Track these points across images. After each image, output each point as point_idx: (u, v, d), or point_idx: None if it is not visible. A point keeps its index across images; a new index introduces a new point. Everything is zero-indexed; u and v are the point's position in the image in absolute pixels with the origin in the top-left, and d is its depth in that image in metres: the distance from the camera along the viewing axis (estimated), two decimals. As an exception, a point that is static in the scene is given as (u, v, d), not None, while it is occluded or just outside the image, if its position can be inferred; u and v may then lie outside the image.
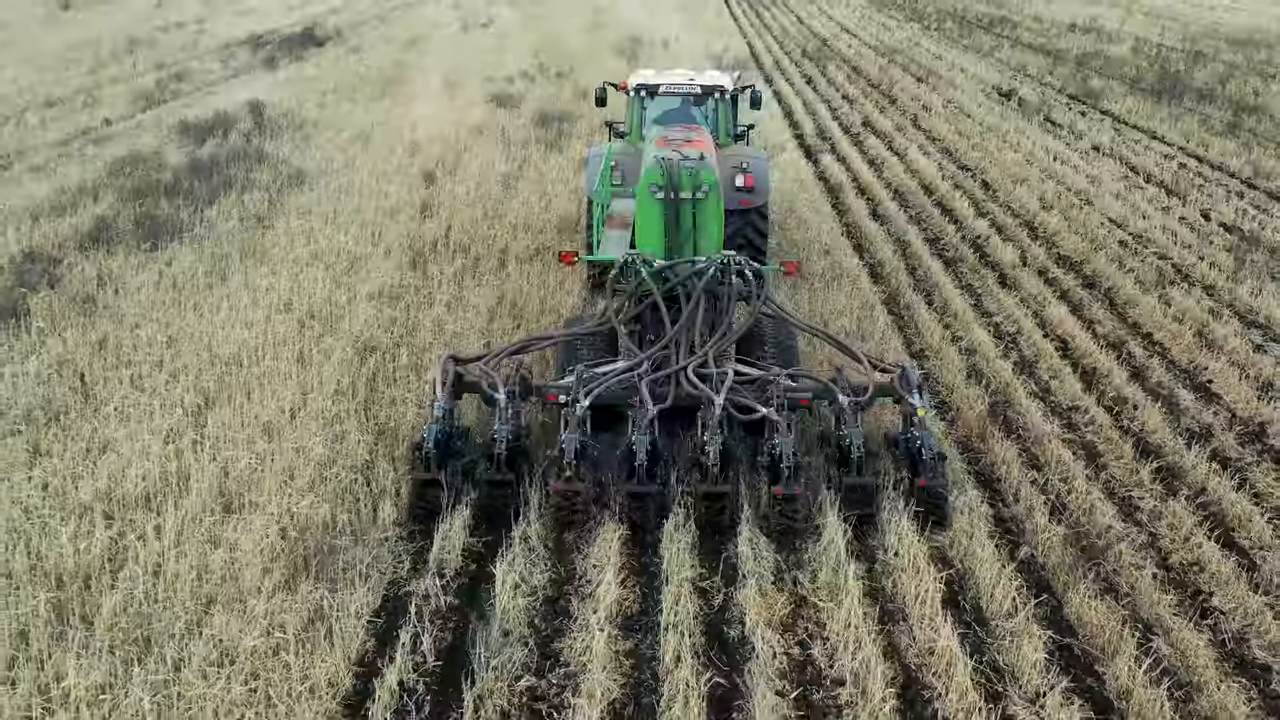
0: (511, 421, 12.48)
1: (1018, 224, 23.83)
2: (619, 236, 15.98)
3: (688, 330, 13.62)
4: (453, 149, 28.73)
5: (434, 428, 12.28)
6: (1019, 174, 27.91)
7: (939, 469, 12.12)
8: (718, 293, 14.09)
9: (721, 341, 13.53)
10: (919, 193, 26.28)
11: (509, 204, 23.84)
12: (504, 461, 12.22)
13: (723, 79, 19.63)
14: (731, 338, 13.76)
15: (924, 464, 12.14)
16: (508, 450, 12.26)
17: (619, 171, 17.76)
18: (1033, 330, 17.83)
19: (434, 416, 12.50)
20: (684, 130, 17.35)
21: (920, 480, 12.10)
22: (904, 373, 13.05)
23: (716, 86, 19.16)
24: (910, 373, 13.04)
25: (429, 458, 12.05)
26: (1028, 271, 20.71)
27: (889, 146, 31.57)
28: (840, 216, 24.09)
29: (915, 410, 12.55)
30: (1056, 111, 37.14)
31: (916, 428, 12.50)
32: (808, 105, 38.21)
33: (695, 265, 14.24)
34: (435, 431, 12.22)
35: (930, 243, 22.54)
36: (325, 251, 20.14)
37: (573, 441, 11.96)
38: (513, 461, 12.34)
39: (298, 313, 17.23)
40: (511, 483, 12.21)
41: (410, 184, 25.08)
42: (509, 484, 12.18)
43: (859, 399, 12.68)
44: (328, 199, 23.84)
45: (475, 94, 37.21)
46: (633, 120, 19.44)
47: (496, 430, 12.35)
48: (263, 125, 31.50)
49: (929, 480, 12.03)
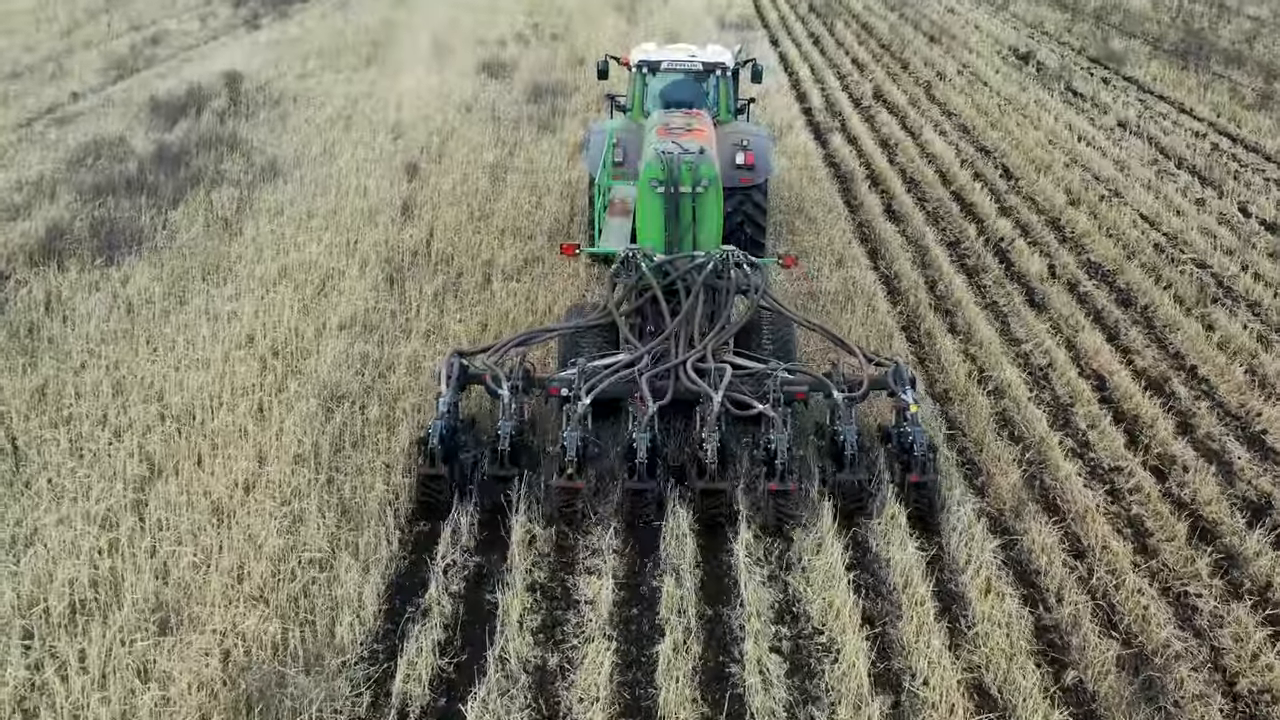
0: (515, 417, 12.67)
1: (1043, 223, 22.16)
2: (620, 225, 16.37)
3: (687, 324, 13.80)
4: (439, 132, 26.98)
5: (439, 424, 12.39)
6: (1042, 159, 26.17)
7: (929, 465, 12.32)
8: (717, 286, 14.23)
9: (720, 335, 13.68)
10: (936, 183, 24.59)
11: (497, 202, 22.19)
12: (506, 457, 12.45)
13: (724, 55, 19.64)
14: (729, 332, 13.89)
15: (915, 460, 12.31)
16: (510, 446, 12.46)
17: (621, 149, 18.03)
18: (1066, 364, 16.27)
19: (439, 412, 12.64)
20: (684, 117, 17.50)
21: (912, 476, 12.25)
22: (897, 368, 13.27)
23: (718, 63, 19.33)
24: (903, 368, 13.25)
25: (434, 454, 12.18)
26: (1057, 286, 19.10)
27: (902, 124, 29.77)
28: (853, 214, 22.42)
29: (907, 406, 12.72)
30: (1078, 79, 35.24)
31: (908, 423, 12.64)
32: (815, 72, 36.30)
33: (695, 260, 14.40)
34: (440, 427, 12.33)
35: (950, 248, 20.90)
36: (295, 267, 18.54)
37: (574, 440, 12.12)
38: (515, 457, 12.57)
39: (260, 348, 15.69)
40: (513, 478, 12.42)
41: (392, 176, 23.39)
42: (511, 479, 12.41)
43: (853, 394, 12.88)
44: (302, 196, 22.18)
45: (466, 61, 35.32)
46: (634, 96, 19.60)
47: (500, 426, 12.55)
48: (238, 101, 29.71)
49: (920, 476, 12.19)
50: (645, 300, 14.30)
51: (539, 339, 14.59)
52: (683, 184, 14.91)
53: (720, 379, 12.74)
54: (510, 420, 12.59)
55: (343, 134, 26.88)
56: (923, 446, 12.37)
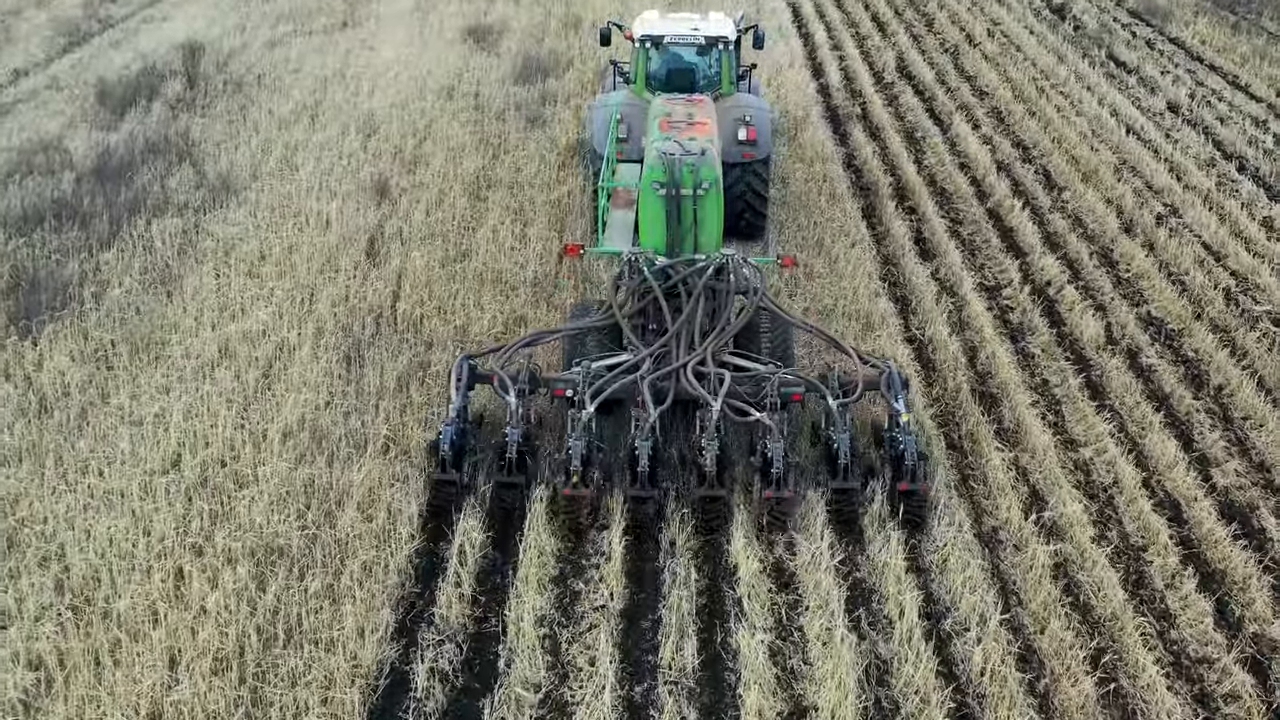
0: (521, 425, 13.02)
1: (1094, 258, 19.56)
2: (623, 219, 16.95)
3: (687, 326, 14.16)
4: (415, 128, 24.20)
5: (449, 430, 12.90)
6: (1087, 161, 23.44)
7: (920, 473, 12.66)
8: (716, 289, 14.57)
9: (719, 338, 13.99)
10: (970, 197, 21.90)
11: (476, 233, 19.61)
12: (514, 465, 12.85)
13: (726, 27, 19.76)
14: (728, 334, 14.18)
15: (906, 468, 12.67)
16: (517, 453, 12.84)
17: (625, 125, 18.54)
18: (1134, 485, 13.85)
19: (450, 417, 13.13)
20: (686, 105, 17.55)
21: (902, 485, 12.70)
22: (889, 374, 13.64)
23: (720, 37, 19.56)
24: (895, 374, 13.63)
25: (445, 460, 12.74)
26: (1116, 356, 16.57)
27: (929, 109, 26.90)
28: (879, 247, 19.82)
29: (899, 415, 13.09)
30: (1119, 43, 32.16)
31: (900, 431, 12.99)
32: (832, 34, 33.19)
33: (695, 264, 14.74)
34: (451, 434, 12.85)
35: (990, 296, 18.35)
36: (238, 340, 16.07)
37: (579, 449, 12.46)
38: (522, 464, 12.96)
39: (187, 473, 13.33)
40: (521, 485, 12.94)
41: (359, 197, 20.72)
42: (518, 486, 12.91)
43: (846, 400, 13.37)
44: (256, 227, 19.59)
45: (450, 23, 32.23)
46: (638, 69, 19.77)
47: (508, 434, 12.92)
48: (195, 82, 26.86)
49: (910, 485, 12.62)
50: (648, 302, 14.66)
51: (545, 340, 15.14)
52: (684, 186, 15.02)
53: (720, 385, 13.12)
54: (518, 428, 12.98)
55: (308, 132, 24.11)
56: (913, 454, 12.70)
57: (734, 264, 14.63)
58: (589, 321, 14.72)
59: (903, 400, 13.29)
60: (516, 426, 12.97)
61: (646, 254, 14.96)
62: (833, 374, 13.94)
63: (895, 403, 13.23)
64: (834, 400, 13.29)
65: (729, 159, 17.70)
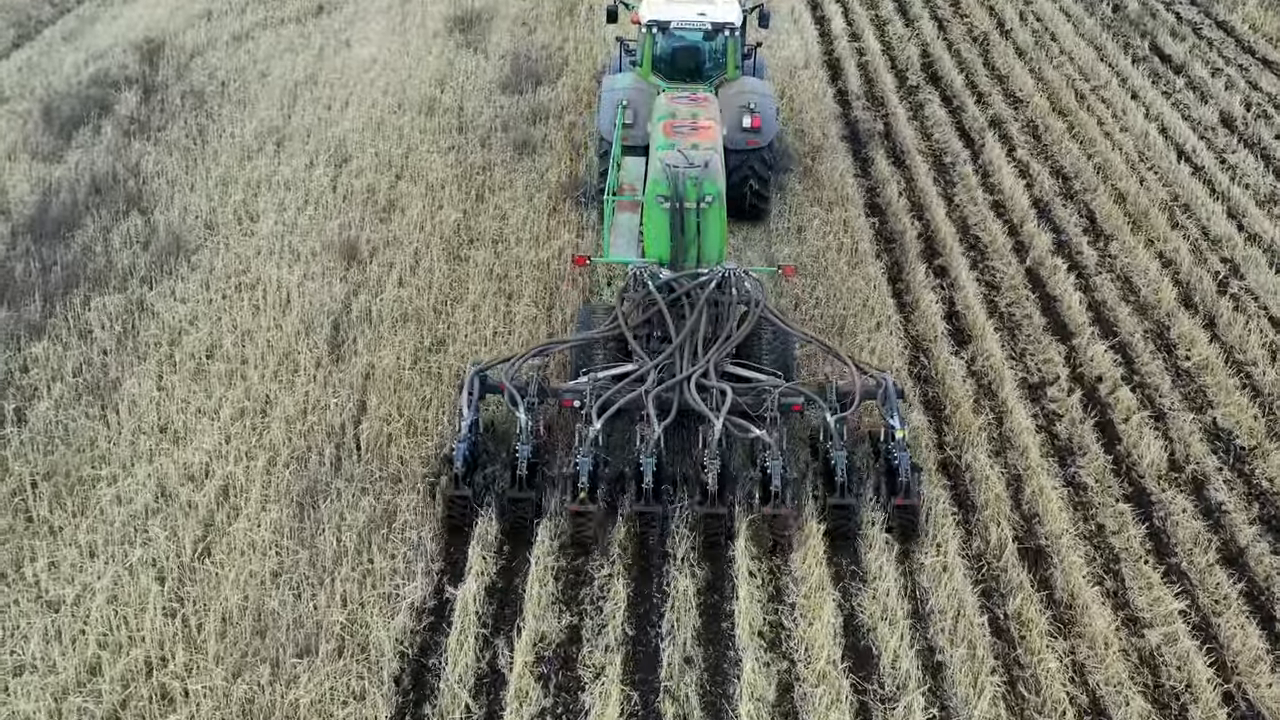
0: (531, 441, 13.40)
1: (1151, 342, 17.41)
2: (628, 226, 17.16)
3: (691, 337, 14.54)
4: (390, 160, 21.85)
5: (462, 446, 13.30)
6: (1136, 199, 21.22)
7: (914, 488, 13.23)
8: (720, 301, 14.92)
9: (721, 349, 14.38)
10: (1007, 253, 19.69)
11: (455, 310, 17.48)
12: (524, 481, 13.29)
13: (731, 12, 19.84)
14: (730, 345, 14.54)
15: (900, 484, 13.21)
16: (528, 469, 13.28)
17: (631, 110, 18.77)
18: (1211, 699, 11.87)
19: (462, 434, 13.49)
20: (690, 104, 18.00)
21: (897, 500, 13.24)
22: (886, 386, 14.03)
23: (725, 23, 19.74)
24: (891, 389, 13.99)
25: (458, 477, 13.19)
26: (1182, 495, 14.51)
27: (959, 124, 24.45)
28: (907, 327, 17.62)
29: (895, 430, 13.47)
30: (1163, 32, 29.52)
31: (895, 446, 13.43)
32: (851, 20, 30.43)
33: (698, 277, 15.10)
34: (464, 450, 13.27)
35: (1034, 395, 16.25)
36: (174, 483, 14.03)
37: (586, 465, 12.96)
38: (533, 479, 13.45)
39: (105, 693, 11.37)
40: (531, 499, 13.35)
41: (325, 264, 18.51)
42: (529, 501, 13.31)
43: (844, 414, 13.81)
44: (207, 306, 17.44)
45: (434, 11, 29.57)
46: (644, 54, 19.98)
47: (518, 451, 13.32)
48: (152, 93, 24.44)
49: (904, 500, 13.18)
50: (652, 313, 14.97)
51: (554, 349, 15.50)
52: (688, 199, 15.39)
53: (722, 400, 13.56)
54: (528, 444, 13.36)
55: (272, 162, 21.78)
56: (907, 470, 13.26)
57: (736, 278, 15.00)
58: (596, 333, 15.00)
59: (898, 414, 13.71)
60: (526, 443, 13.39)
61: (651, 268, 15.33)
62: (831, 386, 14.33)
63: (890, 418, 13.69)
64: (832, 416, 13.70)
65: (733, 145, 18.34)
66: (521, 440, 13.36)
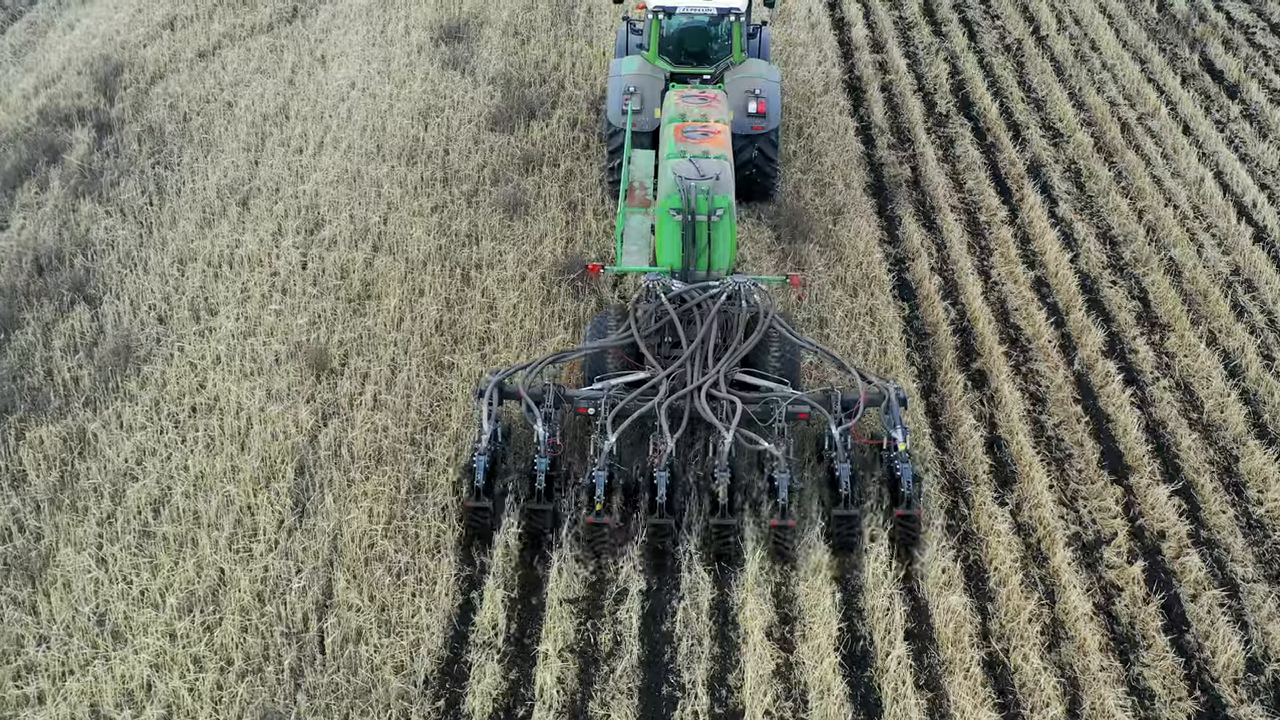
0: (549, 453, 13.93)
1: (1218, 478, 15.49)
2: (639, 230, 17.38)
3: (701, 346, 15.04)
4: (366, 229, 19.72)
5: (483, 460, 13.78)
6: (1193, 276, 19.24)
7: (915, 499, 13.80)
8: (729, 312, 15.46)
9: (731, 359, 14.95)
10: (1053, 351, 17.66)
11: (438, 441, 15.54)
12: (543, 493, 13.92)
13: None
14: (739, 354, 15.11)
15: (903, 495, 13.78)
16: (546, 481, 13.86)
17: (638, 97, 19.36)
18: None
19: (482, 447, 13.94)
20: (700, 105, 18.20)
21: (898, 511, 13.82)
22: (888, 400, 14.51)
23: (730, 9, 20.00)
24: (893, 401, 14.44)
25: (479, 490, 13.75)
26: (1263, 712, 12.70)
27: (993, 167, 22.20)
28: (944, 465, 15.65)
29: (898, 443, 14.06)
30: (1213, 40, 27.14)
31: (898, 457, 13.99)
32: (873, 26, 27.91)
33: (709, 289, 15.59)
34: (484, 464, 13.75)
35: (1088, 559, 14.37)
36: (109, 711, 12.19)
37: (601, 478, 13.65)
38: (550, 492, 14.06)
39: None
40: (550, 511, 13.96)
41: (291, 378, 16.51)
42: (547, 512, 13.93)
43: (848, 426, 14.31)
44: (156, 441, 15.51)
45: (417, 18, 27.09)
46: (651, 38, 20.24)
47: (536, 464, 13.85)
48: (107, 133, 22.25)
49: (906, 511, 13.76)
50: (664, 323, 15.49)
51: (570, 357, 15.98)
52: (699, 212, 15.81)
53: (733, 412, 14.16)
54: (545, 457, 13.94)
55: (235, 228, 19.67)
56: (909, 481, 13.84)
57: (745, 290, 15.57)
58: (610, 341, 15.48)
59: (901, 424, 14.28)
60: (545, 455, 13.95)
61: (664, 280, 15.78)
62: (836, 394, 14.79)
63: (893, 430, 14.29)
64: (837, 428, 14.27)
65: (739, 130, 18.98)
66: (539, 453, 13.98)
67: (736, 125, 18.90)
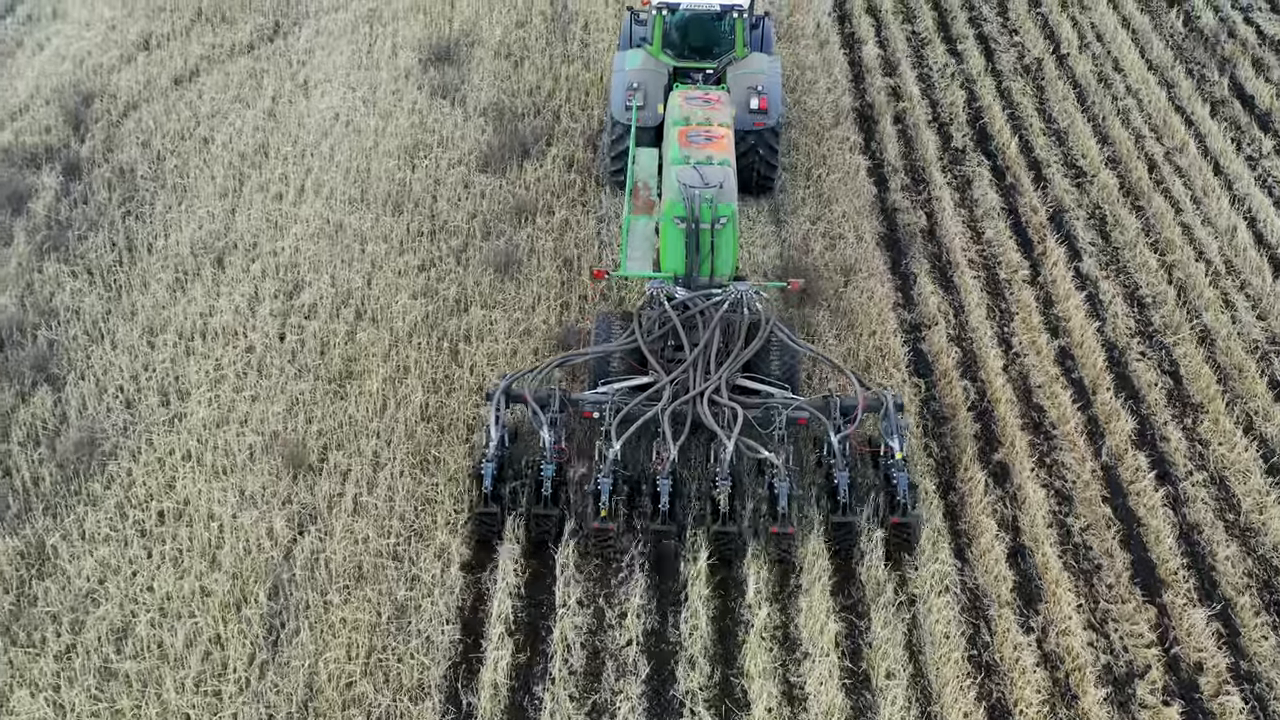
0: (555, 459, 14.42)
1: (1260, 596, 14.45)
2: (644, 234, 17.58)
3: (704, 353, 15.42)
4: (348, 293, 18.59)
5: (491, 466, 14.30)
6: (1227, 351, 18.24)
7: (910, 506, 14.29)
8: (731, 320, 15.70)
9: (732, 365, 15.33)
10: (1077, 436, 16.60)
11: (424, 555, 14.49)
12: (549, 499, 14.35)
13: None
14: (740, 360, 15.45)
15: (899, 503, 14.29)
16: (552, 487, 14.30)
17: (641, 92, 19.62)
18: None
19: (490, 453, 14.44)
20: (704, 107, 18.26)
21: (894, 519, 14.34)
22: (886, 404, 15.05)
23: (734, 5, 20.29)
24: (892, 405, 15.01)
25: (486, 496, 14.28)
26: None
27: (1012, 214, 21.05)
28: (964, 582, 14.62)
29: (893, 451, 14.63)
30: (1243, 61, 25.84)
31: (894, 466, 14.48)
32: (885, 43, 26.54)
33: (712, 297, 15.87)
34: (492, 470, 14.28)
35: (1118, 694, 13.34)
36: None
37: (606, 485, 14.03)
38: (556, 497, 14.45)
39: None
40: (556, 516, 14.47)
41: (265, 479, 15.45)
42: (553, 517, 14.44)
43: (846, 433, 14.81)
44: (120, 562, 14.43)
45: (405, 36, 25.73)
46: (655, 33, 20.44)
47: (543, 470, 14.33)
48: (76, 176, 21.04)
49: (900, 518, 14.26)
50: (667, 329, 15.81)
51: (575, 360, 16.45)
52: (703, 220, 16.03)
53: (734, 420, 14.55)
54: (551, 463, 14.34)
55: (209, 293, 18.54)
56: (904, 489, 14.26)
57: (747, 298, 15.81)
58: (615, 346, 15.94)
59: (898, 434, 14.73)
60: (551, 461, 14.38)
61: (667, 288, 16.02)
62: (835, 401, 15.21)
63: (890, 439, 14.78)
64: (836, 436, 14.71)
65: (741, 126, 19.29)
66: (545, 459, 14.38)
67: (739, 121, 19.15)
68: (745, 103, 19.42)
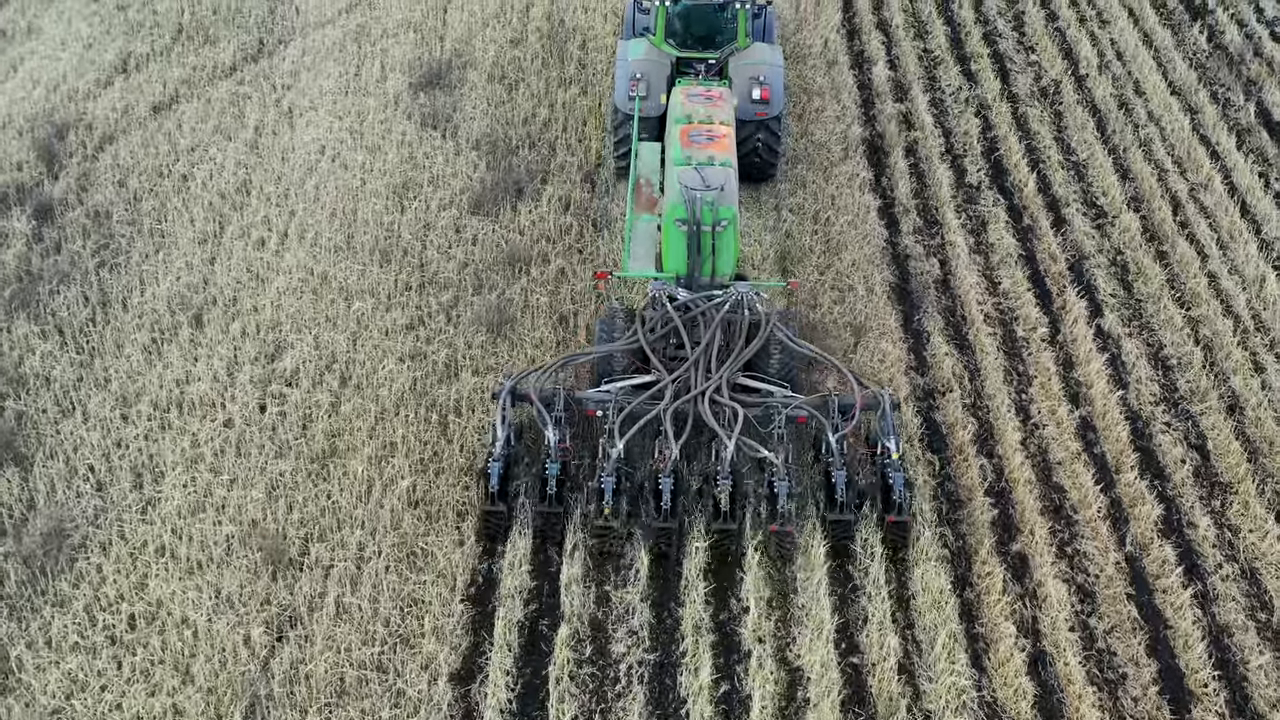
0: (560, 458, 14.72)
1: (1291, 714, 13.67)
2: (646, 232, 17.86)
3: (705, 353, 15.80)
4: (332, 358, 17.68)
5: (497, 465, 14.59)
6: (1257, 423, 17.39)
7: (906, 506, 14.62)
8: (732, 320, 16.05)
9: (733, 365, 15.74)
10: (1098, 522, 15.78)
11: (409, 665, 13.71)
12: (554, 498, 14.65)
13: None
14: (741, 360, 15.87)
15: (894, 502, 14.61)
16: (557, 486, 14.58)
17: (644, 83, 19.87)
18: None
19: (497, 453, 14.76)
20: (706, 105, 18.38)
21: (890, 518, 14.69)
22: (883, 403, 15.48)
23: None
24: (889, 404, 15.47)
25: (493, 495, 14.53)
26: None
27: (1030, 262, 20.10)
28: (982, 699, 13.81)
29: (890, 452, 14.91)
30: (1269, 83, 24.74)
31: (890, 465, 14.79)
32: (897, 66, 25.43)
33: (712, 299, 16.22)
34: (498, 470, 14.56)
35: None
36: None
37: (609, 485, 14.32)
38: (561, 496, 14.73)
39: None
40: (561, 514, 14.83)
41: (244, 579, 14.61)
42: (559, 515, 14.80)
43: (844, 432, 15.16)
44: (90, 654, 13.67)
45: (394, 58, 24.66)
46: (658, 23, 20.74)
47: (548, 469, 14.62)
48: (48, 220, 20.10)
49: (897, 518, 14.61)
50: (669, 329, 16.05)
51: (579, 360, 16.77)
52: (704, 223, 16.34)
53: (735, 420, 14.93)
54: (556, 462, 14.63)
55: (185, 357, 17.63)
56: (900, 488, 14.58)
57: (748, 300, 16.08)
58: (617, 346, 16.26)
59: (894, 432, 15.12)
60: (555, 460, 14.64)
61: (669, 289, 16.34)
62: (833, 400, 15.63)
63: (886, 439, 15.06)
64: (833, 435, 15.00)
65: (743, 116, 19.66)
66: (551, 458, 14.66)
67: (741, 111, 19.50)
68: (748, 93, 19.71)
